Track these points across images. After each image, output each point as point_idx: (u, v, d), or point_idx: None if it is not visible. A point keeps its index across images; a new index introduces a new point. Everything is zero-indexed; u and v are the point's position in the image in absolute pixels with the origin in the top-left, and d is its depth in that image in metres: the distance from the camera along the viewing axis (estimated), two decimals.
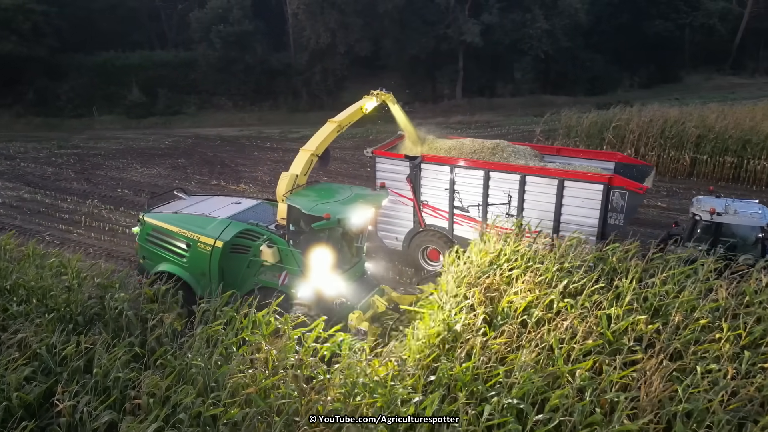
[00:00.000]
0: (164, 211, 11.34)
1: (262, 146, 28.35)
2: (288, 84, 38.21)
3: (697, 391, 6.53)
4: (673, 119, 22.87)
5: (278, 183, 10.42)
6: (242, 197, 12.37)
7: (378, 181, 13.65)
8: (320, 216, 9.42)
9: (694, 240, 11.08)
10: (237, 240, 10.25)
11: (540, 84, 42.45)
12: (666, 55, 44.40)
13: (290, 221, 10.08)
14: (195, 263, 10.43)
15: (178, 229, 10.54)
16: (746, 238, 11.40)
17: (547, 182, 12.16)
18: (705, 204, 12.01)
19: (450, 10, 35.40)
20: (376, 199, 10.97)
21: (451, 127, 31.57)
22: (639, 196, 11.98)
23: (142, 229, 11.22)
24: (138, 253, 11.76)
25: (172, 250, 10.77)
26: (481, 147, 13.64)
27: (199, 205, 11.65)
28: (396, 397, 6.53)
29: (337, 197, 10.39)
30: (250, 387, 6.52)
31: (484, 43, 34.97)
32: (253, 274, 10.39)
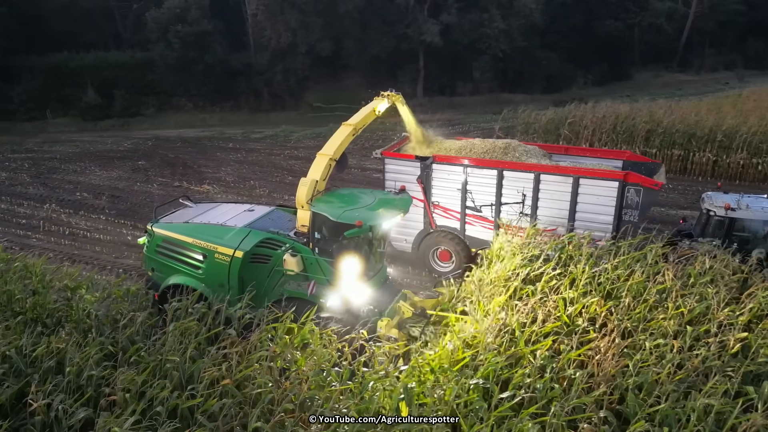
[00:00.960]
0: (174, 221, 10.81)
1: (224, 147, 28.16)
2: (249, 84, 37.96)
3: (646, 365, 7.06)
4: (624, 115, 23.92)
5: (298, 189, 9.96)
6: (254, 204, 11.82)
7: (386, 182, 13.44)
8: (349, 223, 9.15)
9: (707, 235, 11.47)
10: (257, 249, 9.81)
11: (498, 82, 43.43)
12: (617, 54, 46.14)
13: (315, 229, 9.75)
14: (212, 275, 9.94)
15: (193, 240, 10.06)
16: (757, 233, 11.62)
17: (562, 180, 12.08)
18: (717, 200, 12.15)
19: (410, 10, 35.89)
20: (402, 204, 10.59)
21: (394, 124, 32.03)
22: (654, 193, 11.86)
23: (150, 240, 10.68)
24: (146, 266, 11.17)
25: (186, 261, 10.27)
26: (493, 147, 13.49)
27: (210, 213, 11.17)
28: (367, 383, 6.83)
29: (362, 203, 10.05)
30: (225, 379, 6.69)
31: (443, 42, 35.59)
32: (274, 284, 9.99)
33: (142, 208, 19.24)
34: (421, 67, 38.38)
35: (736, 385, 6.60)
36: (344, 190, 11.56)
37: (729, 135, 21.29)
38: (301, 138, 29.73)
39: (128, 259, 15.28)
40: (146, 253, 10.93)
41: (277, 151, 26.92)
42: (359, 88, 40.99)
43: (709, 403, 6.19)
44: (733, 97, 29.63)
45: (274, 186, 21.42)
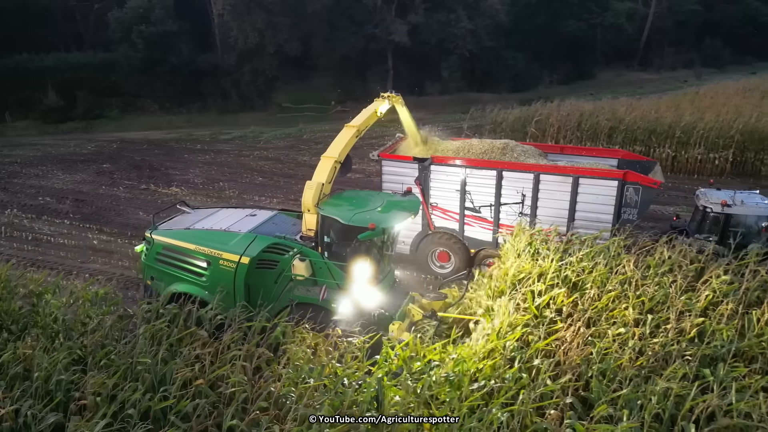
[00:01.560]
0: (174, 228, 10.48)
1: (192, 149, 27.79)
2: (216, 85, 37.55)
3: (609, 352, 7.34)
4: (588, 113, 24.57)
5: (304, 193, 9.74)
6: (255, 208, 11.52)
7: (384, 184, 13.30)
8: (360, 226, 9.01)
9: (704, 232, 11.68)
10: (264, 255, 9.59)
11: (466, 82, 44.01)
12: (581, 54, 47.25)
13: (324, 233, 9.59)
14: (217, 282, 9.61)
15: (196, 247, 9.77)
16: (751, 228, 11.76)
17: (561, 180, 12.09)
18: (712, 196, 12.30)
19: (377, 10, 36.06)
20: (411, 205, 10.39)
21: (384, 126, 32.20)
22: (652, 191, 11.92)
23: (150, 248, 10.33)
24: (143, 274, 10.79)
25: (188, 269, 9.99)
26: (491, 147, 13.43)
27: (210, 219, 10.83)
28: (341, 378, 6.92)
29: (371, 205, 9.86)
30: (198, 379, 6.69)
31: (411, 42, 35.87)
32: (282, 289, 9.74)
33: (108, 212, 18.88)
34: (390, 67, 38.59)
35: (694, 369, 6.92)
36: (350, 192, 11.29)
37: (687, 131, 22.07)
38: (271, 139, 29.56)
39: (95, 263, 15.00)
40: (145, 262, 10.53)
41: (247, 152, 26.72)
42: (329, 88, 41.07)
43: (668, 386, 6.48)
44: (690, 95, 30.65)
45: (244, 187, 21.28)
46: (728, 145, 21.34)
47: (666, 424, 6.19)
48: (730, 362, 7.06)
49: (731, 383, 6.50)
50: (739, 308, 7.84)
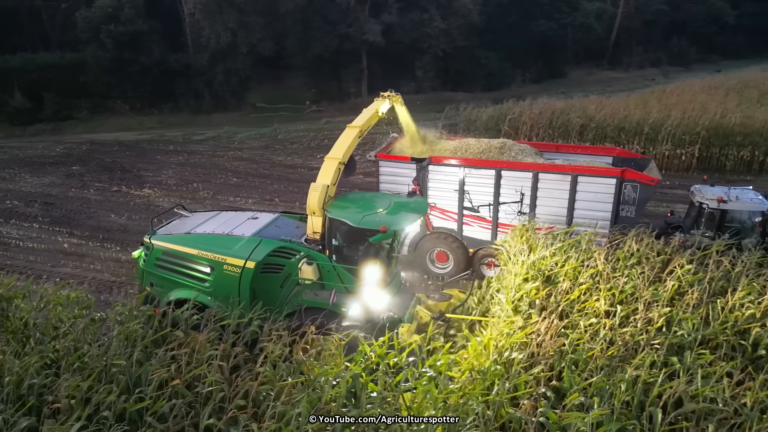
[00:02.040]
0: (174, 232, 10.17)
1: (164, 150, 27.40)
2: (189, 85, 37.08)
3: (580, 343, 7.53)
4: (559, 111, 25.01)
5: (309, 195, 9.57)
6: (256, 211, 11.36)
7: (381, 185, 13.19)
8: (371, 229, 8.91)
9: (700, 227, 11.85)
10: (269, 259, 9.40)
11: (441, 81, 44.29)
12: (552, 53, 47.99)
13: (332, 235, 9.45)
14: (221, 287, 9.43)
15: (198, 252, 9.53)
16: (745, 223, 11.98)
17: (560, 178, 12.15)
18: (707, 193, 12.45)
19: (351, 10, 36.06)
20: (419, 206, 10.27)
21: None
22: (650, 188, 11.99)
23: (149, 253, 10.02)
24: (141, 281, 10.45)
25: (190, 274, 9.75)
26: (489, 146, 13.44)
27: (211, 222, 10.56)
28: (318, 376, 6.96)
29: (378, 207, 9.69)
30: (174, 380, 6.65)
31: (385, 42, 35.98)
32: (288, 294, 9.56)
33: (79, 215, 18.52)
34: (364, 66, 38.63)
35: (662, 357, 7.15)
36: (355, 194, 11.13)
37: (654, 128, 22.66)
38: (245, 139, 29.32)
39: (65, 267, 14.72)
40: (143, 268, 10.23)
41: (221, 153, 26.47)
42: (303, 88, 40.91)
43: (637, 374, 6.68)
44: (658, 93, 31.45)
45: (218, 188, 21.09)
46: (694, 141, 21.97)
47: (635, 410, 6.38)
48: (695, 350, 7.32)
49: (697, 370, 6.74)
50: (704, 297, 8.11)
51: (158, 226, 10.64)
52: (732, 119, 22.65)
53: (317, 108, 36.83)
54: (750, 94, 29.73)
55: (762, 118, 22.71)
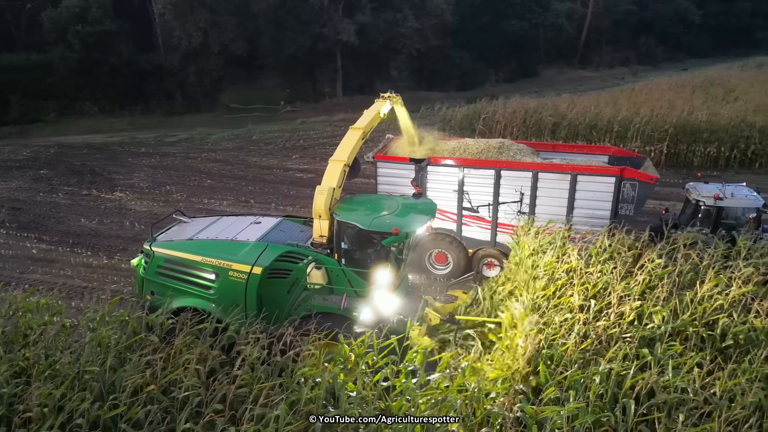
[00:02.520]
0: (175, 239, 9.95)
1: (136, 152, 26.90)
2: (160, 86, 36.46)
3: (556, 338, 7.66)
4: (532, 110, 25.36)
5: (315, 199, 9.47)
6: (258, 215, 11.06)
7: (379, 186, 13.09)
8: (382, 231, 8.84)
9: (696, 224, 12.01)
10: (276, 264, 9.23)
11: (415, 81, 44.48)
12: (524, 52, 48.58)
13: (341, 239, 9.33)
14: (226, 294, 9.25)
15: (202, 258, 9.32)
16: (740, 219, 12.28)
17: (560, 178, 12.21)
18: (703, 190, 12.70)
19: (324, 9, 35.93)
20: (428, 208, 10.17)
21: (335, 125, 32.19)
22: (649, 186, 12.11)
23: (149, 261, 9.77)
24: (141, 290, 10.18)
25: (194, 282, 9.55)
26: (487, 147, 13.41)
27: (213, 228, 10.30)
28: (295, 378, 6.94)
29: (387, 209, 9.60)
30: (150, 385, 6.55)
31: (359, 42, 35.94)
32: (295, 299, 9.39)
33: (47, 220, 18.07)
34: (339, 66, 38.54)
35: (634, 349, 7.32)
36: (361, 196, 10.91)
37: (624, 125, 23.15)
38: (219, 140, 28.97)
39: (34, 273, 14.35)
40: (143, 276, 9.97)
41: (194, 155, 26.10)
42: (277, 88, 40.64)
43: (610, 367, 6.83)
44: (627, 91, 32.09)
45: (192, 190, 20.80)
46: (662, 138, 22.50)
47: (609, 402, 6.52)
48: (666, 341, 7.51)
49: (668, 361, 6.92)
50: (674, 290, 8.32)
51: (157, 232, 10.34)
52: (698, 116, 23.25)
53: (292, 108, 36.61)
54: (715, 91, 30.57)
55: (727, 115, 23.37)
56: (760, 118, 22.87)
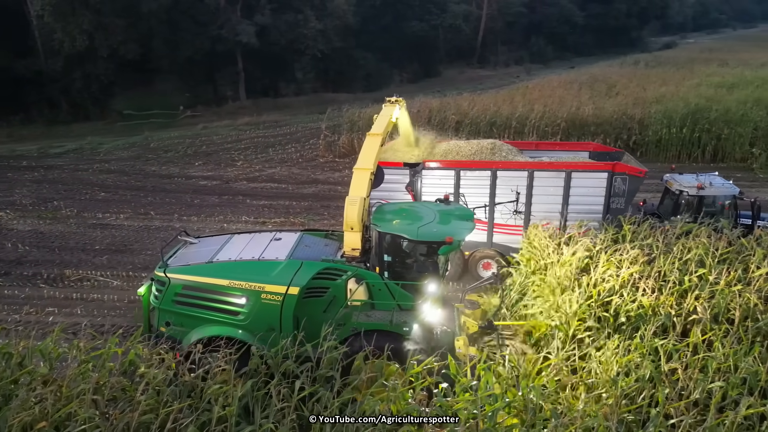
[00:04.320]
0: (190, 262, 9.07)
1: (16, 166, 24.48)
2: (41, 93, 33.50)
3: None
4: (436, 109, 26.03)
5: (346, 210, 8.94)
6: (275, 231, 10.43)
7: (373, 192, 12.33)
8: (434, 241, 8.48)
9: (680, 213, 12.36)
10: (313, 282, 8.65)
11: (321, 82, 44.28)
12: (426, 53, 49.92)
13: (384, 251, 8.89)
14: (259, 319, 8.58)
15: (229, 282, 8.59)
16: (717, 207, 12.84)
17: (555, 175, 12.46)
18: (683, 181, 13.23)
19: (221, 10, 34.76)
20: (466, 214, 9.81)
21: (240, 129, 31.24)
22: (639, 179, 12.48)
23: (165, 289, 8.86)
24: (147, 322, 9.29)
25: (219, 308, 8.75)
26: (480, 148, 13.38)
27: (231, 247, 9.50)
28: (206, 398, 6.60)
29: (426, 217, 9.22)
30: (41, 422, 5.94)
31: (260, 43, 35.18)
32: (334, 318, 8.63)
33: None
34: (240, 68, 37.48)
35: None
36: (390, 205, 10.33)
37: (521, 121, 24.38)
38: (112, 150, 27.10)
39: None
40: (157, 305, 9.01)
41: (84, 166, 24.21)
42: (175, 92, 38.75)
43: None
44: (522, 89, 33.83)
45: (83, 204, 19.26)
46: (556, 131, 23.95)
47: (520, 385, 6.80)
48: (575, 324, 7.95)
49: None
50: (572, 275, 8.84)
51: (167, 257, 9.36)
52: (586, 111, 25.02)
53: (192, 113, 35.05)
54: (599, 87, 33.02)
55: (611, 109, 25.32)
56: (639, 110, 25.00)
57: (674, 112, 24.16)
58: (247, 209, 18.73)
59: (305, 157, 25.64)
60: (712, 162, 23.07)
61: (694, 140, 23.32)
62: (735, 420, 5.75)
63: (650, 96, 27.89)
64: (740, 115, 23.73)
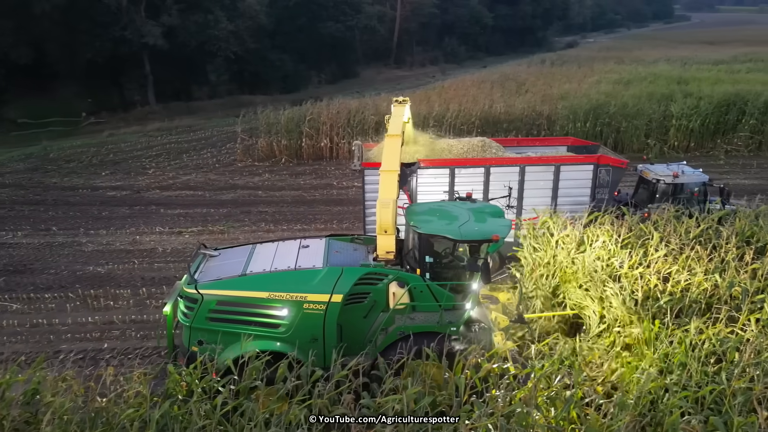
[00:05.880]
0: (222, 276, 8.66)
1: None
2: None
3: None
4: (355, 110, 26.04)
5: (379, 213, 8.84)
6: (297, 238, 10.11)
7: (367, 194, 12.83)
8: (482, 239, 8.43)
9: (656, 201, 13.08)
10: (355, 288, 8.48)
11: (237, 85, 43.10)
12: (343, 54, 49.91)
13: (426, 252, 8.72)
14: (301, 330, 8.36)
15: (269, 294, 8.32)
16: (687, 194, 13.55)
17: (545, 169, 13.09)
18: (657, 170, 13.90)
19: (123, 11, 32.90)
20: (498, 211, 9.79)
21: (150, 135, 29.71)
22: (621, 170, 13.34)
23: (197, 306, 8.40)
24: (186, 340, 8.71)
25: (258, 322, 8.44)
26: (471, 146, 13.84)
27: (260, 258, 9.19)
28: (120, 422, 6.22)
29: (461, 216, 9.14)
30: None
31: (169, 45, 33.68)
32: (372, 323, 8.70)
33: None
34: (148, 72, 35.66)
35: None
36: (419, 206, 10.25)
37: (438, 120, 24.94)
38: (6, 162, 24.91)
39: None
40: (189, 324, 8.51)
41: None
42: (77, 98, 36.14)
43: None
44: (438, 89, 34.63)
45: None
46: (471, 129, 24.67)
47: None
48: None
49: None
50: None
51: (193, 272, 8.93)
52: (498, 108, 26.05)
53: (96, 120, 32.92)
54: (510, 85, 34.44)
55: (521, 106, 26.51)
56: (546, 107, 26.35)
57: (578, 107, 25.72)
58: (161, 219, 17.86)
59: (222, 162, 24.85)
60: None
61: (596, 133, 24.89)
62: None
63: (556, 93, 29.44)
64: (636, 109, 25.63)
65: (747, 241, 10.83)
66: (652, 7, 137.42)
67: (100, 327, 12.00)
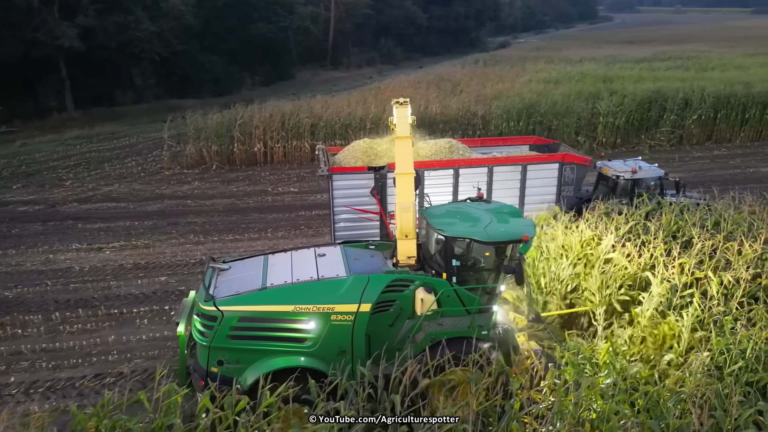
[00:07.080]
0: (241, 291, 8.10)
1: None
2: None
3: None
4: (289, 112, 25.25)
5: (399, 218, 8.80)
6: (312, 247, 9.65)
7: (335, 200, 12.71)
8: (511, 240, 8.24)
9: (617, 196, 13.32)
10: (382, 296, 8.17)
11: (164, 88, 41.25)
12: (276, 55, 48.79)
13: (453, 256, 8.41)
14: (329, 342, 8.00)
15: (294, 307, 7.87)
16: (645, 189, 13.70)
17: (512, 169, 13.32)
18: (616, 166, 14.18)
19: (35, 11, 30.62)
20: (515, 211, 9.66)
21: (68, 144, 27.76)
22: (585, 168, 13.56)
23: (218, 324, 7.82)
24: (204, 361, 8.07)
25: (283, 336, 8.01)
26: (438, 147, 13.94)
27: (277, 269, 8.72)
28: None
29: (483, 218, 8.90)
30: None
31: (87, 47, 31.63)
32: (398, 331, 8.41)
33: None
34: (65, 76, 33.37)
35: None
36: (436, 208, 9.81)
37: (375, 122, 24.61)
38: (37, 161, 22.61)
39: None
40: (209, 344, 7.92)
41: None
42: None
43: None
44: (375, 90, 34.32)
45: None
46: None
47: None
48: None
49: None
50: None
51: (208, 288, 8.34)
52: (433, 109, 25.99)
53: (8, 128, 30.44)
54: (445, 86, 34.59)
55: (456, 107, 26.58)
56: (481, 107, 26.55)
57: (511, 107, 26.08)
58: (78, 235, 16.56)
59: (148, 171, 23.47)
60: None
61: (529, 131, 25.28)
62: None
63: (490, 93, 29.77)
64: (565, 107, 26.28)
65: (674, 235, 11.11)
66: (577, 9, 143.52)
67: (5, 358, 10.86)
